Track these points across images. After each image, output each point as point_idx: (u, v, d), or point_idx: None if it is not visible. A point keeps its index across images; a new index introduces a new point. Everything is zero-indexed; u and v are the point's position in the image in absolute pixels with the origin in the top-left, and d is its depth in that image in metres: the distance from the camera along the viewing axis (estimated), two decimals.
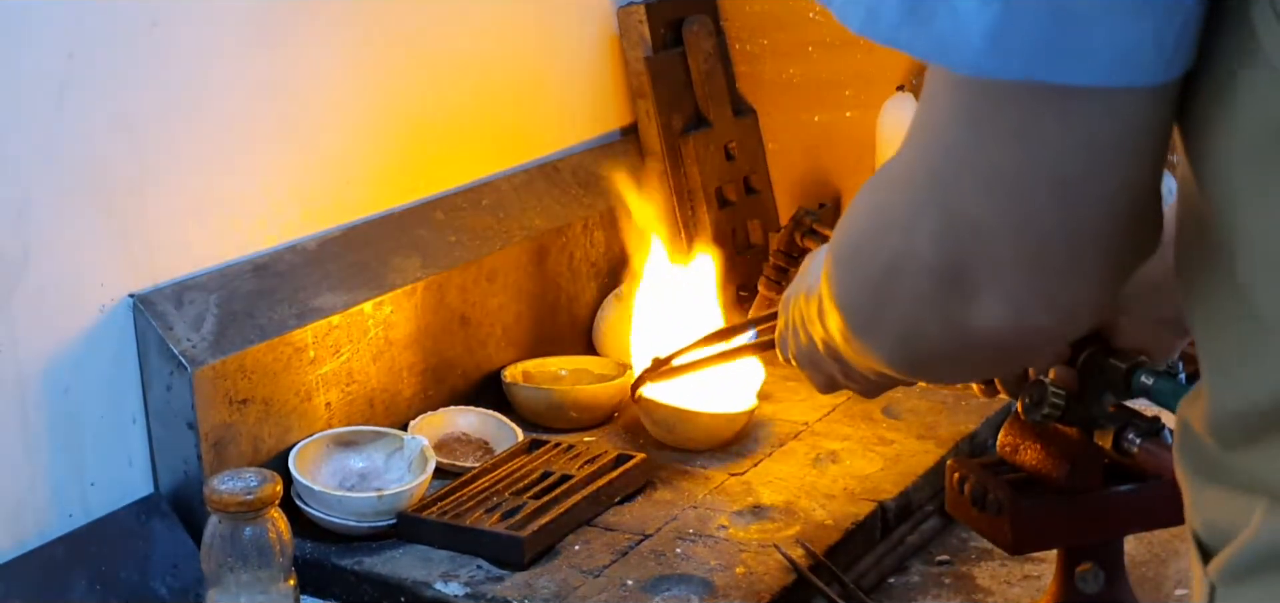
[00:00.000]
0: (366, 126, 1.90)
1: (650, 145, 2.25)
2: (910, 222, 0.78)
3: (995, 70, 0.69)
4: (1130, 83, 0.68)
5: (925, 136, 0.77)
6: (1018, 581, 1.58)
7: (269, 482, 1.46)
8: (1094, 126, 0.70)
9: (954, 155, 0.74)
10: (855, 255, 0.87)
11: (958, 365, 0.91)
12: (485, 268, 1.97)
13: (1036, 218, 0.73)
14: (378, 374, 1.81)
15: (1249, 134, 0.68)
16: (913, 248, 0.78)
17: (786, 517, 1.64)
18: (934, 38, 0.69)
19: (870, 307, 0.86)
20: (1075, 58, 0.68)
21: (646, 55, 2.23)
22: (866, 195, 0.86)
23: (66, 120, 1.54)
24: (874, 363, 0.92)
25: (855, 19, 0.72)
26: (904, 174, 0.79)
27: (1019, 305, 0.76)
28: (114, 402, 1.61)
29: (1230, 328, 0.72)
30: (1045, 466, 1.24)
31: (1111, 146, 0.71)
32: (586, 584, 1.52)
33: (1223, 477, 0.75)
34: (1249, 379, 0.71)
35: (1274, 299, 0.69)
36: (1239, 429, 0.73)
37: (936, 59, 0.70)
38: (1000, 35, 0.68)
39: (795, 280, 1.27)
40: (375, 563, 1.58)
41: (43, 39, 1.51)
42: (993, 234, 0.74)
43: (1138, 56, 0.68)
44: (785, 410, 1.91)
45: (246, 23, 1.73)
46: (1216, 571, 0.75)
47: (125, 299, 1.61)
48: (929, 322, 0.80)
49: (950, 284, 0.77)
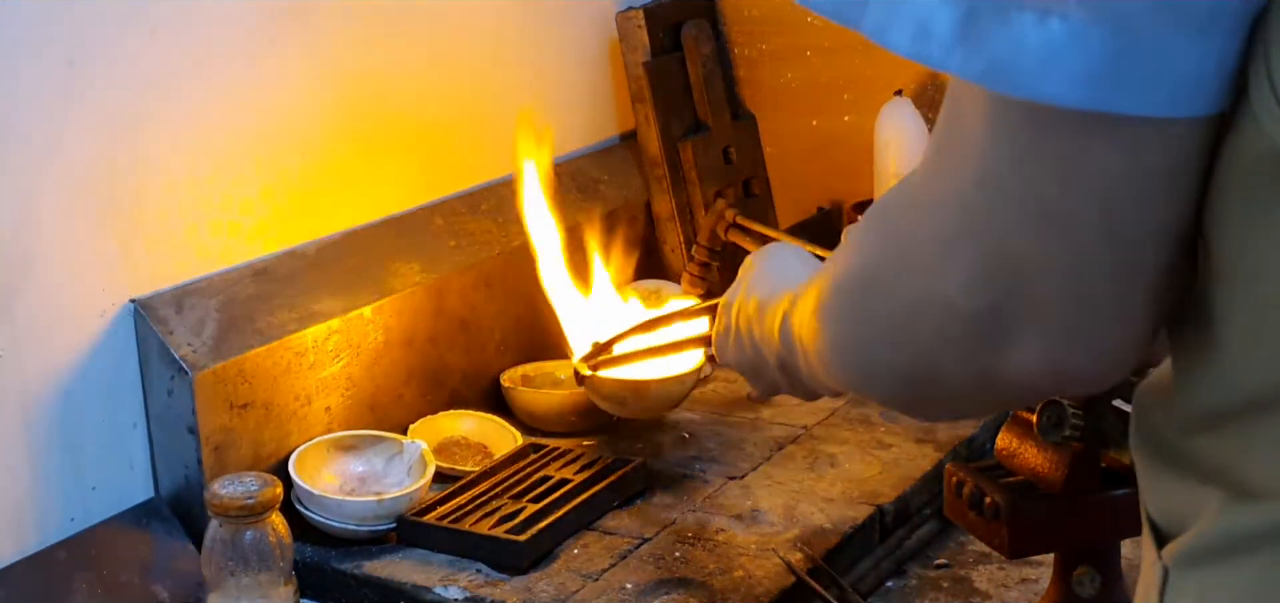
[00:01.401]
0: (365, 131, 1.90)
1: (649, 150, 2.25)
2: (940, 258, 0.72)
3: (1054, 97, 0.65)
4: (1191, 113, 0.65)
5: (955, 163, 0.72)
6: (1015, 584, 1.58)
7: (269, 486, 1.47)
8: (1147, 157, 0.67)
9: (991, 185, 0.70)
10: (867, 291, 0.81)
11: (968, 408, 0.86)
12: (484, 273, 1.98)
13: (1085, 255, 0.69)
14: (377, 379, 1.81)
15: (1226, 164, 0.67)
16: (941, 288, 0.73)
17: (785, 521, 1.65)
18: (989, 60, 0.65)
19: (879, 346, 0.80)
20: (1139, 86, 0.64)
21: (645, 60, 2.23)
22: (880, 223, 0.81)
23: (67, 126, 1.54)
24: (861, 394, 0.87)
25: (901, 40, 0.68)
26: (929, 204, 0.74)
27: (1060, 349, 0.72)
28: (115, 406, 1.61)
29: (1197, 331, 0.72)
30: (1043, 470, 1.25)
31: (1164, 178, 0.67)
32: (585, 588, 1.52)
33: (1180, 464, 0.75)
34: (1211, 378, 0.71)
35: (1238, 312, 0.69)
36: (1199, 420, 0.73)
37: (991, 83, 0.66)
38: (1061, 60, 0.64)
39: (736, 284, 1.25)
40: (375, 567, 1.59)
41: (43, 46, 1.52)
42: (1036, 273, 0.70)
43: (1200, 85, 0.65)
44: (783, 415, 1.91)
45: (245, 29, 1.73)
46: (1171, 555, 0.75)
47: (126, 304, 1.61)
48: (951, 365, 0.75)
49: (984, 327, 0.72)
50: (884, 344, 0.79)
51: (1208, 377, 0.72)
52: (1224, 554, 0.71)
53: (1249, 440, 0.70)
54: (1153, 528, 0.78)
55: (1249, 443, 0.70)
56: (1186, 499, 0.74)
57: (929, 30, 0.67)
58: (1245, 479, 0.70)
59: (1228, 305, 0.70)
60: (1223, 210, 0.68)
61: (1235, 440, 0.71)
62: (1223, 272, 0.69)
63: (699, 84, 2.29)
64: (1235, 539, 0.71)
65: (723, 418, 1.92)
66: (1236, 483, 0.71)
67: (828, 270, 0.87)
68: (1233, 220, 0.68)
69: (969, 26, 0.66)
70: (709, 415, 1.93)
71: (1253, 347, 0.69)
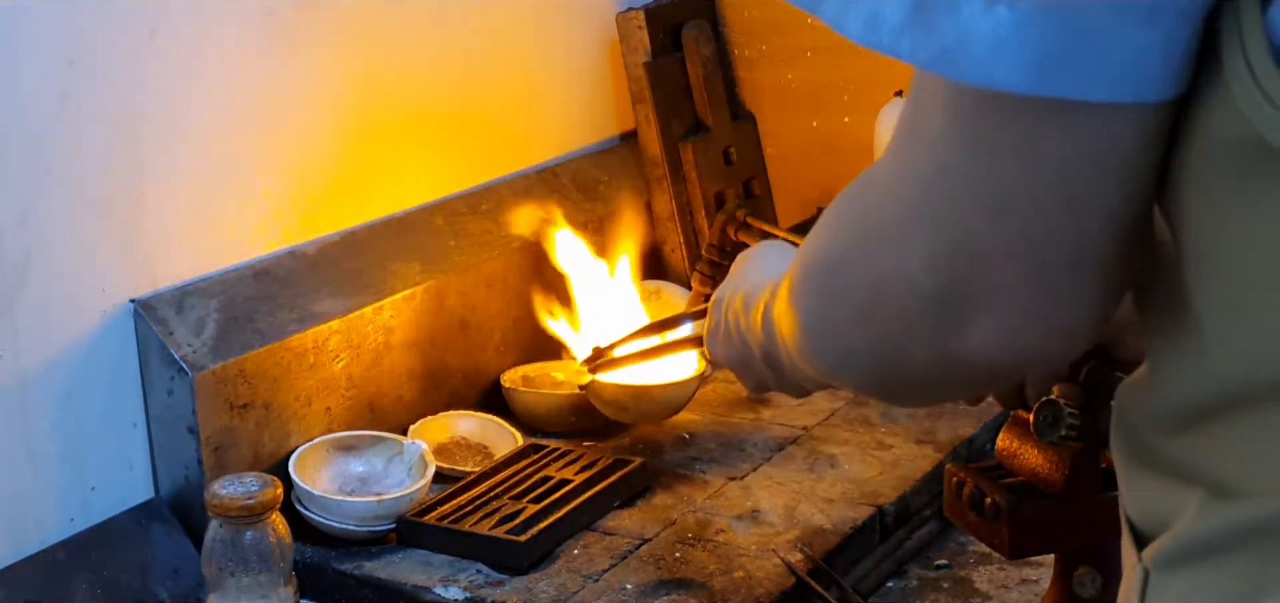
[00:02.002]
0: (366, 131, 1.90)
1: (650, 151, 2.25)
2: (901, 239, 0.74)
3: (1001, 82, 0.66)
4: (1139, 99, 0.66)
5: (916, 149, 0.74)
6: (1015, 585, 1.58)
7: (269, 486, 1.47)
8: (1099, 142, 0.68)
9: (950, 171, 0.71)
10: (833, 272, 0.82)
11: (936, 390, 0.87)
12: (485, 273, 1.98)
13: (1040, 237, 0.70)
14: (377, 379, 1.81)
15: (1201, 151, 0.68)
16: (903, 268, 0.74)
17: (785, 521, 1.65)
18: (938, 47, 0.67)
19: (846, 327, 0.81)
20: (1085, 72, 0.65)
21: (645, 61, 2.23)
22: (847, 206, 0.82)
23: (67, 127, 1.54)
24: (835, 381, 0.88)
25: (854, 27, 0.70)
26: (892, 187, 0.75)
27: (1016, 329, 0.73)
28: (115, 406, 1.61)
29: (1173, 325, 0.72)
30: (1043, 470, 1.25)
31: (1116, 163, 0.69)
32: (586, 589, 1.52)
33: (1159, 464, 0.75)
34: (1188, 373, 0.71)
35: (1214, 304, 0.69)
36: (1177, 419, 0.73)
37: (940, 69, 0.68)
38: (1008, 46, 0.65)
39: (727, 281, 1.26)
40: (375, 568, 1.58)
41: (43, 46, 1.52)
42: (994, 255, 0.71)
43: (1146, 72, 0.66)
44: (784, 415, 1.91)
45: (245, 29, 1.73)
46: (1151, 557, 0.75)
47: (126, 304, 1.61)
48: (914, 345, 0.76)
49: (944, 307, 0.73)
50: (850, 324, 0.81)
51: (1183, 374, 0.72)
52: (1204, 555, 0.71)
53: (1226, 438, 0.70)
54: (1132, 530, 0.78)
55: (1226, 440, 0.70)
56: (1166, 500, 0.74)
57: (880, 17, 0.68)
58: (1223, 478, 0.70)
59: (1202, 299, 0.70)
60: (1191, 199, 0.69)
61: (1212, 438, 0.71)
62: (1195, 264, 0.69)
63: (699, 85, 2.29)
64: (1215, 539, 0.71)
65: (723, 419, 1.92)
66: (1215, 482, 0.71)
67: (798, 257, 0.88)
68: (1203, 209, 0.68)
69: (918, 14, 0.67)
70: (709, 416, 1.93)
71: (1227, 341, 0.69)
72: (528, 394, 1.92)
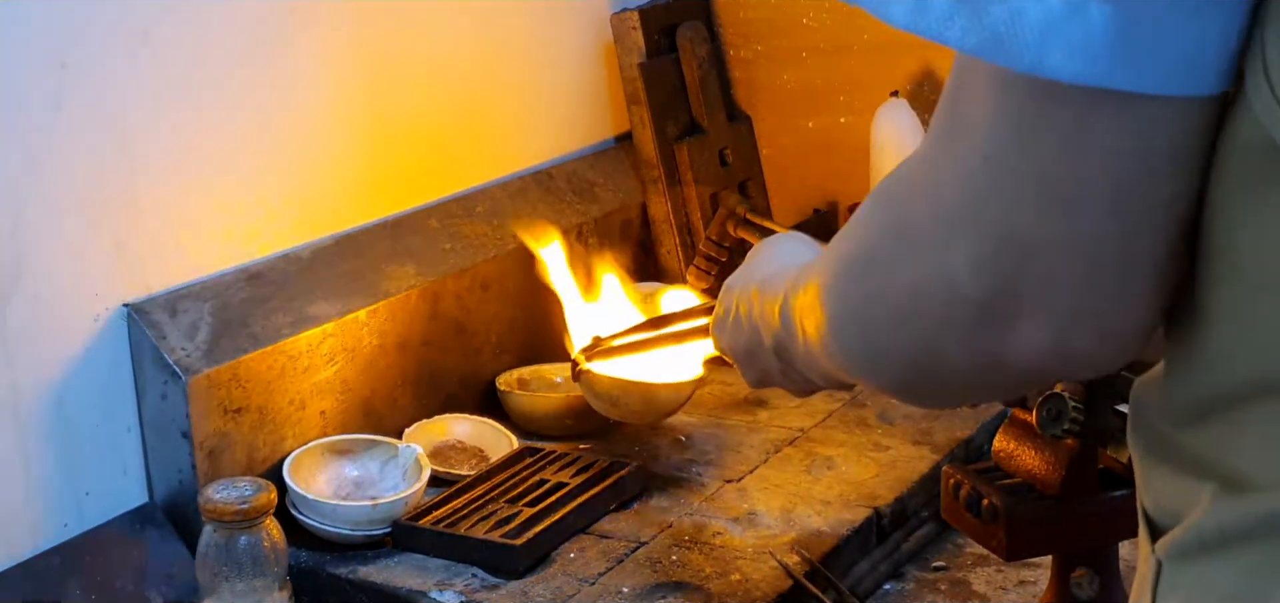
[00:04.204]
0: (360, 134, 1.90)
1: (645, 152, 2.25)
2: (941, 236, 0.71)
3: (1052, 70, 0.64)
4: (1190, 91, 0.64)
5: (957, 141, 0.71)
6: (1013, 586, 1.58)
7: (263, 491, 1.46)
8: (1150, 135, 0.66)
9: (995, 163, 0.68)
10: (868, 270, 0.79)
11: (970, 394, 0.85)
12: (480, 276, 1.97)
13: (1091, 233, 0.68)
14: (372, 382, 1.81)
15: (1217, 149, 0.67)
16: (944, 267, 0.71)
17: (782, 523, 1.64)
18: (987, 32, 0.64)
19: (880, 327, 0.79)
20: (1140, 62, 0.63)
21: (640, 62, 2.23)
22: (884, 200, 0.79)
23: (60, 130, 1.54)
24: (861, 380, 0.86)
25: (899, 12, 0.67)
26: (932, 180, 0.73)
27: (1064, 332, 0.70)
28: (108, 411, 1.61)
29: (1188, 320, 0.71)
30: (1041, 471, 1.24)
31: (1169, 157, 0.66)
32: (581, 592, 1.52)
33: (1174, 458, 0.74)
34: (1202, 368, 0.71)
35: (1228, 300, 0.69)
36: (1190, 412, 0.72)
37: (989, 56, 0.65)
38: (1060, 32, 0.63)
39: (741, 269, 1.24)
40: (370, 572, 1.58)
41: (36, 49, 1.51)
42: (1042, 253, 0.68)
43: (1201, 64, 0.64)
44: (780, 417, 1.91)
45: (239, 32, 1.73)
46: (1164, 549, 0.74)
47: (119, 308, 1.61)
48: (953, 349, 0.74)
49: (987, 309, 0.71)
50: (885, 325, 0.78)
51: (1197, 367, 0.71)
52: (1216, 547, 0.71)
53: (1239, 431, 0.69)
54: (1148, 522, 0.78)
55: (1239, 434, 0.69)
56: (1180, 493, 0.74)
57: (926, 1, 0.66)
58: (1236, 471, 0.70)
59: (1217, 294, 0.69)
60: (1214, 197, 0.68)
61: (1226, 431, 0.70)
62: (1212, 259, 0.69)
63: (694, 86, 2.29)
64: (1227, 532, 0.70)
65: (719, 421, 1.92)
66: (1228, 475, 0.70)
67: (830, 252, 0.86)
68: (1223, 207, 0.68)
69: None
70: (706, 418, 1.92)
71: (1241, 336, 0.68)
72: (523, 397, 1.92)
